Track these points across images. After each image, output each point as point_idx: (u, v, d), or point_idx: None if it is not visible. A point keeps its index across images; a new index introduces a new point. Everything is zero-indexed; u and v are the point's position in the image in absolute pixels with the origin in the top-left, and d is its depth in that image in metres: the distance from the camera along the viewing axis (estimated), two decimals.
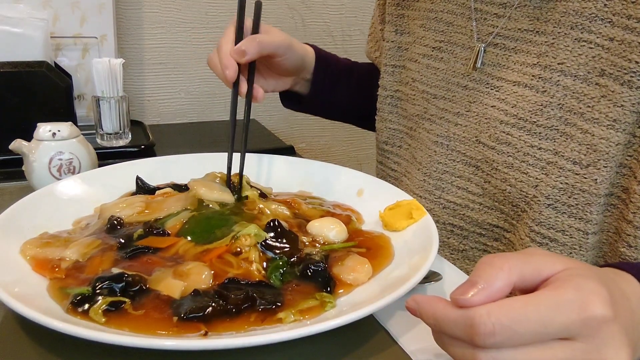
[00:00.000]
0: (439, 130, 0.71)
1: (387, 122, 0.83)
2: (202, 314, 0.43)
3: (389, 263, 0.54)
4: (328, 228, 0.58)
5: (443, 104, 0.71)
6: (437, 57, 0.72)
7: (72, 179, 0.68)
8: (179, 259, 0.51)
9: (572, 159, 0.57)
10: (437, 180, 0.72)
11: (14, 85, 0.94)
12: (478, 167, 0.67)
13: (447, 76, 0.71)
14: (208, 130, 1.34)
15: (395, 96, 0.81)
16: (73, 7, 1.13)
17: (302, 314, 0.45)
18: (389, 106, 0.82)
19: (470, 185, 0.68)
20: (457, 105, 0.69)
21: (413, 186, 0.75)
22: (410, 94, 0.77)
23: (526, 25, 0.62)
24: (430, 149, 0.72)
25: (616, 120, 0.54)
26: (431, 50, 0.73)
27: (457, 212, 0.70)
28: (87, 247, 0.53)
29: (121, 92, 1.02)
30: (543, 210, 0.59)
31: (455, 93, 0.70)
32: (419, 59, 0.75)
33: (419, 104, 0.75)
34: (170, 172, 0.73)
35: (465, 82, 0.69)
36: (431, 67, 0.73)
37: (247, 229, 0.54)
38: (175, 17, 1.31)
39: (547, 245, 0.60)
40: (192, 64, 1.37)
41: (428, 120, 0.74)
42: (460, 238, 0.71)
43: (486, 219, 0.67)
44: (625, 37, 0.53)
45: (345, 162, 1.49)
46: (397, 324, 0.48)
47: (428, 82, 0.74)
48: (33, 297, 0.45)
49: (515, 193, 0.62)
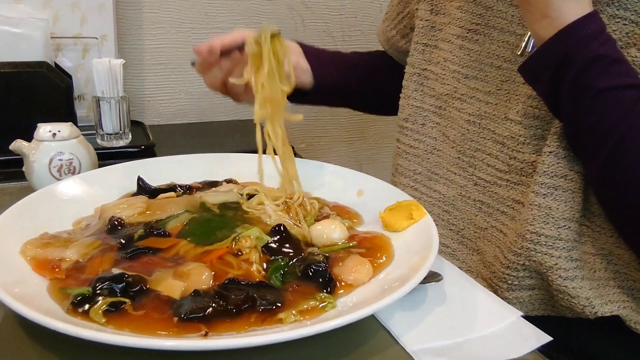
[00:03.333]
0: (471, 109, 0.73)
1: (411, 99, 0.82)
2: (203, 314, 0.43)
3: (389, 263, 0.54)
4: (330, 230, 0.58)
5: (474, 84, 0.73)
6: (472, 39, 0.73)
7: (72, 179, 0.68)
8: (179, 260, 0.51)
9: None
10: (470, 157, 0.73)
11: (14, 85, 0.94)
12: (504, 144, 0.68)
13: (481, 57, 0.72)
14: (208, 130, 1.34)
15: (423, 75, 0.81)
16: (73, 7, 1.13)
17: (302, 314, 0.45)
18: (415, 84, 0.82)
19: (497, 162, 0.69)
20: (489, 84, 0.71)
21: (446, 163, 0.76)
22: (440, 74, 0.78)
23: None
24: (463, 127, 0.74)
25: None
26: (466, 32, 0.74)
27: (487, 189, 0.71)
28: (88, 247, 0.53)
29: (121, 93, 1.01)
30: (546, 159, 0.61)
31: (487, 73, 0.71)
32: (452, 39, 0.76)
33: (449, 84, 0.76)
34: (170, 172, 0.73)
35: (499, 62, 0.70)
36: (465, 48, 0.74)
37: (248, 231, 0.54)
38: (175, 18, 1.31)
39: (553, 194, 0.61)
40: None
41: (458, 100, 0.74)
42: (486, 216, 0.71)
43: (511, 194, 0.68)
44: None
45: (345, 162, 1.49)
46: (398, 324, 0.48)
47: (460, 62, 0.74)
48: (33, 297, 0.45)
49: (543, 166, 0.62)
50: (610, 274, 0.63)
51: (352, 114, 1.58)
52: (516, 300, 0.66)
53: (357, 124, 1.60)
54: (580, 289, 0.61)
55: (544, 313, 0.67)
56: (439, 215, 0.77)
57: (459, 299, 0.53)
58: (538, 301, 0.67)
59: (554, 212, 0.61)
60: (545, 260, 0.62)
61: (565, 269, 0.61)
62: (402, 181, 0.82)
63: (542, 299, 0.66)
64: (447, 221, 0.76)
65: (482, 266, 0.71)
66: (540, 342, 0.47)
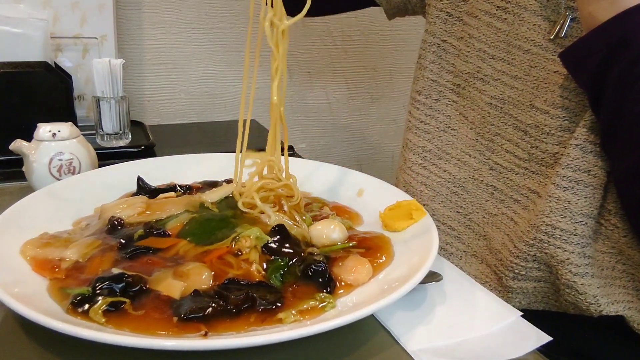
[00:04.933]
0: (494, 92, 0.70)
1: (427, 71, 0.79)
2: (202, 314, 0.43)
3: (389, 263, 0.54)
4: (329, 230, 0.58)
5: (500, 66, 0.70)
6: (501, 17, 0.70)
7: (72, 179, 0.68)
8: (179, 260, 0.51)
9: None
10: (489, 141, 0.71)
11: (14, 85, 0.94)
12: (527, 132, 0.66)
13: (509, 38, 0.69)
14: (208, 130, 1.34)
15: (442, 46, 0.77)
16: (73, 7, 1.13)
17: (302, 314, 0.45)
18: (433, 55, 0.78)
19: (517, 149, 0.67)
20: (516, 68, 0.68)
21: (460, 144, 0.75)
22: (464, 50, 0.74)
23: None
24: (484, 109, 0.71)
25: None
26: (495, 8, 0.71)
27: (502, 175, 0.70)
28: (87, 247, 0.53)
29: (121, 93, 1.01)
30: (571, 152, 0.60)
31: (515, 56, 0.68)
32: (480, 15, 0.72)
33: (473, 62, 0.73)
34: (171, 172, 0.74)
35: (528, 46, 0.67)
36: (492, 26, 0.71)
37: (248, 231, 0.54)
38: (175, 18, 1.31)
39: (574, 188, 0.60)
40: (192, 65, 1.37)
41: (481, 80, 0.72)
42: (497, 202, 0.70)
43: (527, 183, 0.67)
44: None
45: (345, 162, 1.49)
46: (397, 324, 0.48)
47: (487, 41, 0.71)
48: (33, 297, 0.45)
49: (566, 158, 0.61)
50: (618, 273, 0.63)
51: (352, 113, 1.58)
52: (520, 291, 0.65)
53: (357, 124, 1.60)
54: (589, 286, 0.61)
55: (545, 307, 0.67)
56: (447, 196, 0.75)
57: (459, 299, 0.53)
58: (542, 294, 0.66)
59: (573, 207, 0.60)
60: (557, 253, 0.61)
61: (576, 265, 0.61)
62: (411, 157, 0.79)
63: (546, 293, 0.66)
64: (455, 203, 0.75)
65: (488, 252, 0.70)
66: (540, 342, 0.47)
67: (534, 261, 0.63)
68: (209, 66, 1.38)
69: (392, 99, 1.59)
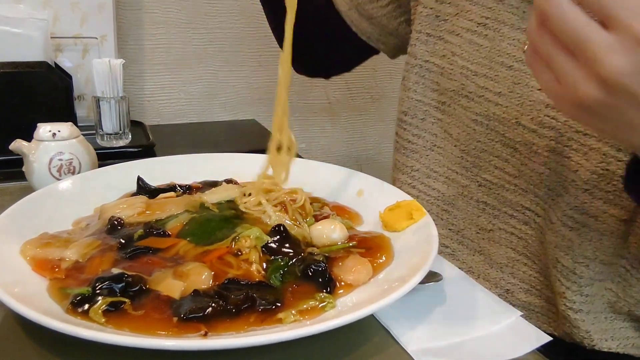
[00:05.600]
0: (478, 108, 0.70)
1: (411, 92, 0.78)
2: (202, 314, 0.43)
3: (389, 263, 0.54)
4: (330, 230, 0.58)
5: (484, 82, 0.69)
6: (482, 33, 0.70)
7: (72, 179, 0.68)
8: (179, 260, 0.51)
9: (616, 146, 0.56)
10: (475, 158, 0.70)
11: (14, 85, 0.94)
12: (516, 149, 0.65)
13: (491, 54, 0.69)
14: (208, 130, 1.34)
15: (425, 67, 0.77)
16: (73, 7, 1.13)
17: (302, 314, 0.45)
18: (416, 76, 0.78)
19: (507, 166, 0.67)
20: (499, 85, 0.67)
21: (447, 162, 0.74)
22: (447, 68, 0.74)
23: None
24: (469, 126, 0.71)
25: None
26: (476, 25, 0.71)
27: (492, 191, 0.69)
28: (87, 247, 0.53)
29: (121, 93, 1.01)
30: (579, 195, 0.59)
31: (498, 72, 0.68)
32: (461, 32, 0.72)
33: (456, 80, 0.72)
34: (170, 172, 0.73)
35: (510, 62, 0.66)
36: (474, 42, 0.71)
37: (248, 231, 0.54)
38: (175, 18, 1.31)
39: (579, 230, 0.60)
40: (192, 65, 1.37)
41: (465, 98, 0.71)
42: (491, 217, 0.70)
43: (520, 200, 0.66)
44: None
45: (345, 162, 1.49)
46: (397, 324, 0.48)
47: (469, 59, 0.71)
48: (33, 297, 0.45)
49: (553, 177, 0.61)
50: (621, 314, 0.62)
51: (352, 114, 1.58)
52: (527, 306, 0.66)
53: (357, 124, 1.61)
54: (582, 321, 0.61)
55: (546, 329, 0.66)
56: (437, 214, 0.75)
57: (459, 299, 0.53)
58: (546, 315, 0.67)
59: (576, 247, 0.60)
60: (556, 285, 0.61)
61: (572, 301, 0.60)
62: (400, 177, 0.80)
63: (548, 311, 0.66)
64: (446, 220, 0.75)
65: (488, 267, 0.70)
66: (540, 342, 0.47)
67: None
68: (209, 66, 1.38)
69: (392, 99, 1.59)
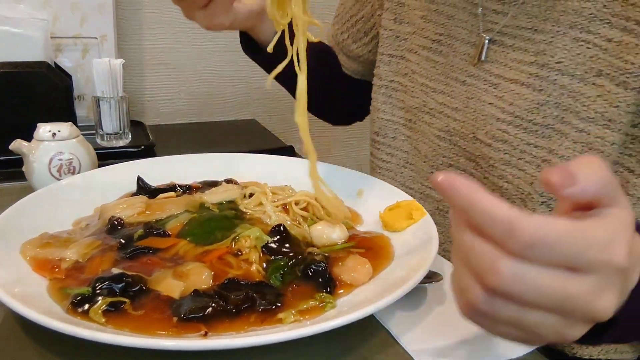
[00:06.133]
0: (440, 124, 0.71)
1: (381, 112, 0.80)
2: (202, 314, 0.43)
3: (389, 263, 0.54)
4: (330, 230, 0.58)
5: (442, 99, 0.71)
6: (437, 50, 0.72)
7: (72, 179, 0.68)
8: (179, 260, 0.51)
9: (566, 157, 0.58)
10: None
11: (14, 85, 0.94)
12: (477, 162, 0.67)
13: (447, 70, 0.70)
14: (208, 130, 1.34)
15: (391, 86, 0.79)
16: (73, 7, 1.13)
17: (302, 314, 0.45)
18: (383, 96, 0.80)
19: (472, 179, 0.67)
20: (456, 100, 0.69)
21: (420, 178, 0.75)
22: (409, 86, 0.76)
23: (525, 22, 0.61)
24: (434, 142, 0.72)
25: (611, 120, 0.55)
26: (431, 42, 0.72)
27: None
28: (87, 247, 0.53)
29: (121, 93, 1.01)
30: (537, 208, 0.60)
31: (453, 88, 0.69)
32: (418, 50, 0.74)
33: (418, 97, 0.74)
34: (170, 172, 0.73)
35: (463, 77, 0.68)
36: (431, 59, 0.72)
37: (248, 231, 0.54)
38: (175, 17, 1.31)
39: None
40: (192, 64, 1.37)
41: (428, 114, 0.73)
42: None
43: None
44: (623, 38, 0.54)
45: (345, 162, 1.49)
46: (398, 324, 0.48)
47: (427, 75, 0.73)
48: (33, 297, 0.45)
49: (511, 190, 0.62)
50: None
51: None
52: None
53: (357, 124, 1.60)
54: None
55: None
56: None
57: None
58: None
59: None
60: None
61: None
62: None
63: None
64: None
65: None
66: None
67: None
68: (209, 66, 1.38)
69: None
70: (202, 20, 0.64)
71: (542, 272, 0.31)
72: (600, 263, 0.31)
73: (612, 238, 0.32)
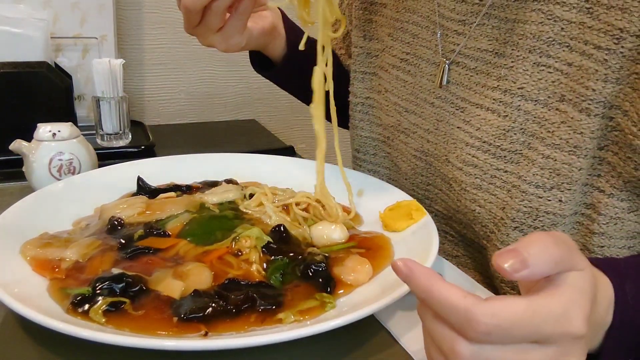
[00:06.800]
0: (415, 144, 0.70)
1: (359, 129, 0.79)
2: (202, 314, 0.43)
3: (389, 263, 0.54)
4: (330, 230, 0.58)
5: (414, 119, 0.69)
6: (405, 69, 0.70)
7: (72, 180, 0.68)
8: (179, 260, 0.51)
9: (534, 183, 0.56)
10: (424, 190, 0.71)
11: (14, 85, 0.94)
12: (450, 185, 0.65)
13: (416, 90, 0.69)
14: (208, 130, 1.34)
15: (367, 103, 0.78)
16: (73, 7, 1.13)
17: (302, 314, 0.45)
18: (360, 113, 0.79)
19: (448, 200, 0.66)
20: (427, 121, 0.68)
21: (402, 195, 0.74)
22: (383, 104, 0.74)
23: (485, 45, 0.60)
24: (412, 161, 0.71)
25: (577, 146, 0.53)
26: (399, 61, 0.71)
27: (446, 222, 0.69)
28: (87, 247, 0.53)
29: (121, 93, 1.02)
30: (510, 233, 0.58)
31: (424, 109, 0.68)
32: (388, 68, 0.73)
33: (393, 116, 0.73)
34: (170, 172, 0.74)
35: (431, 99, 0.66)
36: (400, 79, 0.71)
37: (248, 231, 0.54)
38: (175, 17, 1.31)
39: None
40: (192, 64, 1.37)
41: (403, 133, 0.72)
42: (453, 245, 0.70)
43: (466, 233, 0.66)
44: (583, 62, 0.51)
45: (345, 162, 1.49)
46: (398, 324, 0.48)
47: (399, 95, 0.71)
48: (33, 297, 0.45)
49: (484, 214, 0.61)
50: None
51: None
52: None
53: None
54: None
55: None
56: None
57: None
58: None
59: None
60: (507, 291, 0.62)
61: None
62: None
63: None
64: None
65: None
66: None
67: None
68: (209, 66, 1.38)
69: None
70: (219, 43, 0.65)
71: (502, 349, 0.32)
72: (558, 335, 0.32)
73: (567, 309, 0.33)
